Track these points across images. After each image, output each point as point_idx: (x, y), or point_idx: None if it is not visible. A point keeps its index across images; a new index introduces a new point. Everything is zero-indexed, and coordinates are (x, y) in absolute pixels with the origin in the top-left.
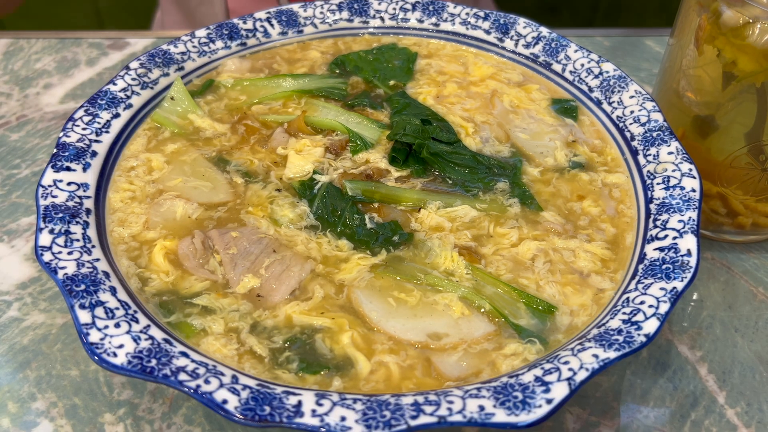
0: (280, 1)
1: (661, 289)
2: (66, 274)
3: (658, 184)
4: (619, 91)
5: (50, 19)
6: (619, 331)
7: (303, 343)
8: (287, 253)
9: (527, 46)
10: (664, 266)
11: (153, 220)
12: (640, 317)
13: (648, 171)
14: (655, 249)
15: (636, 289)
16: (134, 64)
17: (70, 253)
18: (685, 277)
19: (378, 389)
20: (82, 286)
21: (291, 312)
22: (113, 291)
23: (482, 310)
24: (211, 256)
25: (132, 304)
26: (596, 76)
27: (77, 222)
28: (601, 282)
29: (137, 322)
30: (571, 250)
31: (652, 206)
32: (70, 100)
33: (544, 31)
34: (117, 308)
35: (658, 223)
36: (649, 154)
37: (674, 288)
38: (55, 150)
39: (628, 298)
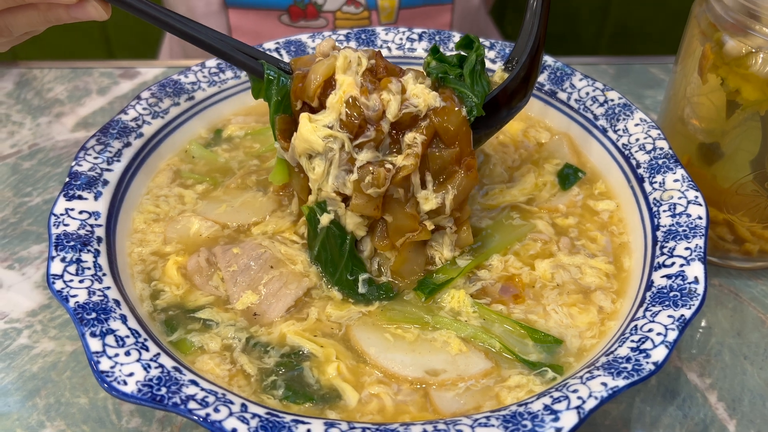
0: (281, 19)
1: (669, 316)
2: (77, 302)
3: (664, 211)
4: (624, 119)
5: (60, 48)
6: (628, 359)
7: (292, 367)
8: (284, 270)
9: None
10: (671, 294)
11: (169, 236)
12: (648, 345)
13: (654, 198)
14: (663, 276)
15: (644, 316)
16: (145, 94)
17: (81, 282)
18: (693, 305)
19: (375, 420)
20: (93, 314)
21: (286, 330)
22: (124, 319)
23: (493, 349)
24: (214, 272)
25: (142, 332)
26: (601, 104)
27: (88, 250)
28: (603, 299)
29: (147, 350)
30: (578, 266)
31: (659, 233)
32: (81, 128)
33: (549, 59)
34: (127, 336)
35: (665, 250)
36: (655, 182)
37: (682, 316)
38: (67, 179)
39: (636, 326)
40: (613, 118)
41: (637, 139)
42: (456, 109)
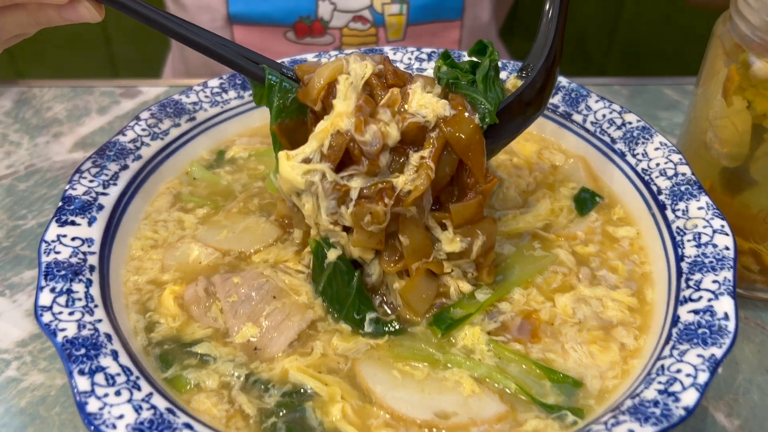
0: (287, 35)
1: (699, 356)
2: (66, 336)
3: (688, 241)
4: (643, 143)
5: (64, 66)
6: (656, 403)
7: (293, 407)
8: (287, 300)
9: None
10: (700, 330)
11: (167, 263)
12: (677, 387)
13: (677, 227)
14: (690, 311)
15: (671, 355)
16: (145, 115)
17: (71, 314)
18: (724, 343)
19: None
20: (83, 350)
21: (288, 366)
22: (115, 355)
23: (508, 390)
24: (213, 303)
25: (134, 369)
26: (619, 127)
27: (80, 280)
28: (625, 335)
29: (139, 389)
30: (599, 299)
31: (684, 264)
32: (79, 149)
33: (563, 80)
34: (118, 374)
35: (691, 283)
36: (678, 209)
37: (713, 355)
38: (60, 203)
39: (663, 366)
40: (631, 141)
41: (658, 164)
42: (467, 116)
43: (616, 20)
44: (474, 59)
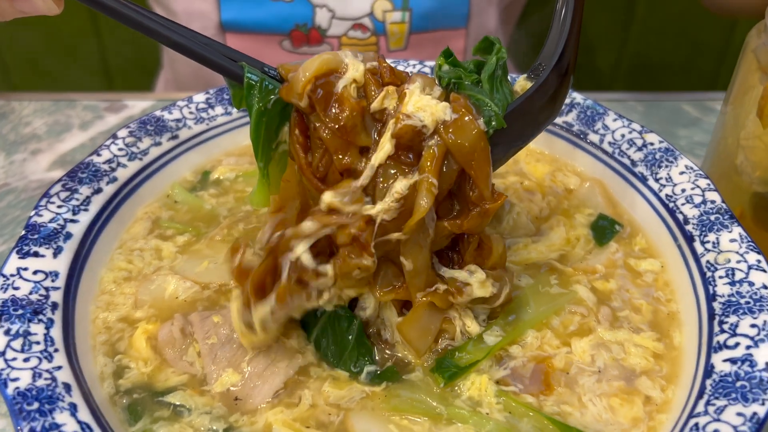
0: (282, 44)
1: (739, 414)
2: (18, 388)
3: (720, 277)
4: (667, 166)
5: (58, 78)
6: None
7: None
8: (273, 344)
9: (559, 113)
10: (738, 384)
11: (141, 298)
12: None
13: (707, 261)
14: (725, 360)
15: (706, 412)
16: (122, 132)
17: (26, 360)
18: (767, 399)
19: None
20: (36, 404)
21: (272, 419)
22: (73, 409)
23: None
24: (190, 345)
25: (95, 426)
26: (639, 149)
27: (40, 320)
28: (650, 387)
29: None
30: (620, 344)
31: (716, 305)
32: (58, 167)
33: (578, 97)
34: None
35: (726, 327)
36: (708, 241)
37: (755, 414)
38: (23, 231)
39: (697, 424)
40: (653, 164)
41: (683, 190)
42: (468, 119)
43: (625, 32)
44: (479, 58)
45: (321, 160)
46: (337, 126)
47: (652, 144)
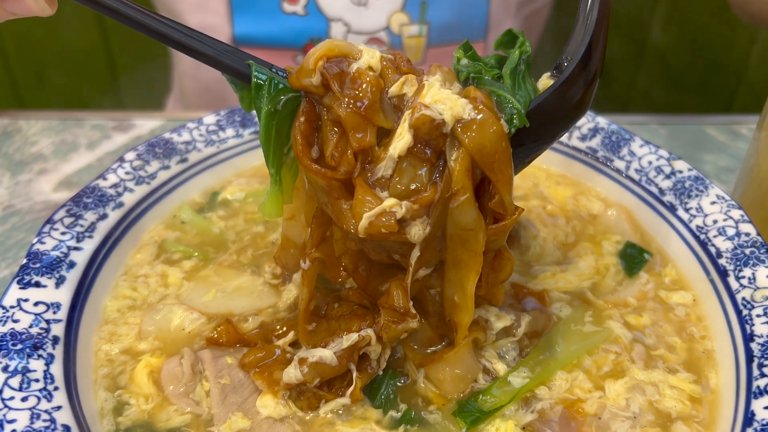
0: (296, 59)
1: None
2: (15, 430)
3: (758, 316)
4: (697, 196)
5: (69, 94)
6: None
7: None
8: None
9: (583, 138)
10: None
11: (145, 329)
12: None
13: (743, 298)
14: (767, 408)
15: None
16: (130, 156)
17: (24, 400)
18: None
19: None
20: None
21: None
22: None
23: None
24: (199, 383)
25: None
26: (668, 177)
27: (39, 356)
28: None
29: None
30: (655, 385)
31: (755, 346)
32: (64, 188)
33: (602, 121)
34: None
35: (766, 370)
36: (743, 277)
37: None
38: (24, 260)
39: None
40: (683, 193)
41: (715, 221)
42: (489, 117)
43: (641, 50)
44: (500, 53)
45: (336, 148)
46: (355, 100)
47: (681, 172)
